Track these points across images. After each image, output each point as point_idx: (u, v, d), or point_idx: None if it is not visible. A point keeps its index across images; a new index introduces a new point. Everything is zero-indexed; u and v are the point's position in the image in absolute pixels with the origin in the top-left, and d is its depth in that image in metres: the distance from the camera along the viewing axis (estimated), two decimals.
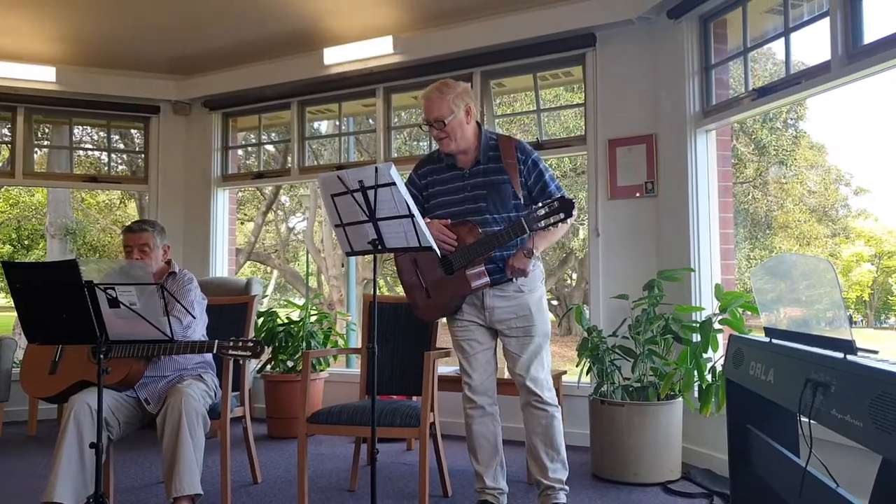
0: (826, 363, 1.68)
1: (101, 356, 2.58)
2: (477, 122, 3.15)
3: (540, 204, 2.83)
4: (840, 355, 1.65)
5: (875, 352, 1.63)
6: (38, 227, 17.90)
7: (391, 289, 20.88)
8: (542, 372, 3.08)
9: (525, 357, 3.07)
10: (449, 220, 3.06)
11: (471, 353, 3.16)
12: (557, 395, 3.27)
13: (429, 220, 3.01)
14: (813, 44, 3.82)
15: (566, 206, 2.69)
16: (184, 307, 3.24)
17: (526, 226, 2.77)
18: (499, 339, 3.18)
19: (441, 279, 3.10)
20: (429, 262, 3.13)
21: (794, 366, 1.86)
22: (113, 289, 2.50)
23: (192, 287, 3.43)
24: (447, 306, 3.14)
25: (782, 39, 3.81)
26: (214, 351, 3.04)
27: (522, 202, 3.05)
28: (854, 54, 3.26)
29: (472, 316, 3.14)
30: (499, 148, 3.10)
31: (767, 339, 2.19)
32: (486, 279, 3.01)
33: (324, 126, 13.73)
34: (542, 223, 2.73)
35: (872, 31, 3.22)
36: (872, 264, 24.40)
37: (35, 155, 6.62)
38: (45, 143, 10.96)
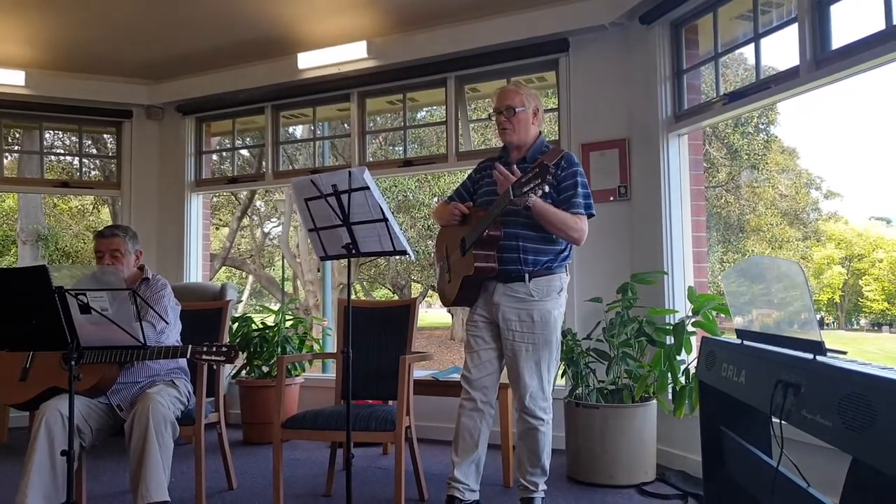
0: (796, 364, 1.69)
1: (73, 362, 2.55)
2: (540, 131, 3.28)
3: (527, 169, 2.87)
4: (810, 356, 1.67)
5: (844, 352, 1.65)
6: (10, 232, 17.61)
7: (367, 293, 20.83)
8: (535, 381, 3.09)
9: (517, 362, 3.10)
10: (471, 203, 3.20)
11: (475, 349, 3.20)
12: None
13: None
14: (783, 49, 3.88)
15: (542, 170, 2.74)
16: (157, 313, 3.20)
17: (511, 191, 2.83)
18: None
19: (458, 260, 3.17)
20: (453, 246, 3.24)
21: (765, 367, 1.88)
22: (84, 294, 2.47)
23: (166, 293, 3.39)
24: (459, 294, 3.18)
25: (752, 45, 3.86)
26: (188, 356, 3.01)
27: (551, 201, 3.09)
28: (822, 59, 3.32)
29: (483, 309, 3.19)
30: (547, 153, 3.18)
31: (739, 341, 2.21)
32: (493, 265, 3.04)
33: (299, 130, 13.68)
34: (525, 188, 2.77)
35: (839, 37, 3.28)
36: (843, 266, 24.79)
37: (5, 160, 6.51)
38: (16, 147, 10.80)
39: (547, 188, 2.78)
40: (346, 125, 5.99)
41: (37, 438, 2.85)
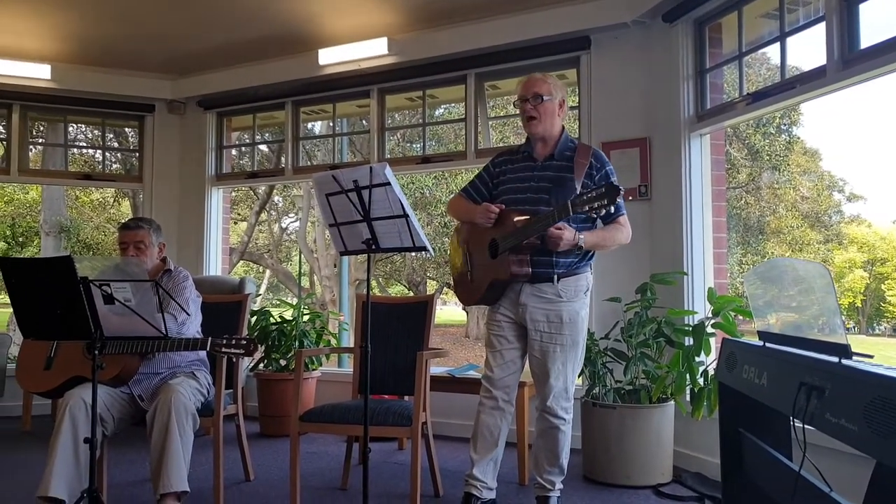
0: (821, 367, 1.68)
1: (96, 352, 2.57)
2: (563, 126, 3.22)
3: (588, 188, 2.83)
4: (835, 359, 1.65)
5: (870, 356, 1.63)
6: (33, 224, 17.85)
7: (383, 289, 20.86)
8: (560, 381, 3.08)
9: (545, 362, 3.09)
10: (503, 206, 3.11)
11: (498, 348, 3.19)
12: None
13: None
14: (808, 49, 3.83)
15: (611, 192, 2.68)
16: (179, 305, 3.23)
17: (570, 208, 2.77)
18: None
19: (485, 263, 3.14)
20: (478, 246, 3.19)
21: (788, 369, 1.86)
22: (108, 285, 2.49)
23: (188, 285, 3.42)
24: (485, 294, 3.17)
25: (777, 44, 3.82)
26: (208, 348, 3.03)
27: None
28: (849, 60, 3.27)
29: (507, 310, 3.17)
30: (575, 150, 3.14)
31: (761, 343, 2.20)
32: (528, 269, 3.01)
33: (317, 127, 13.72)
34: (587, 206, 2.72)
35: (868, 37, 3.24)
36: (865, 270, 24.49)
37: (30, 153, 6.59)
38: (40, 140, 10.92)
39: (612, 209, 2.76)
40: (364, 122, 6.00)
41: (61, 426, 2.88)
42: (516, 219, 2.98)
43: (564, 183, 3.06)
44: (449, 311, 27.61)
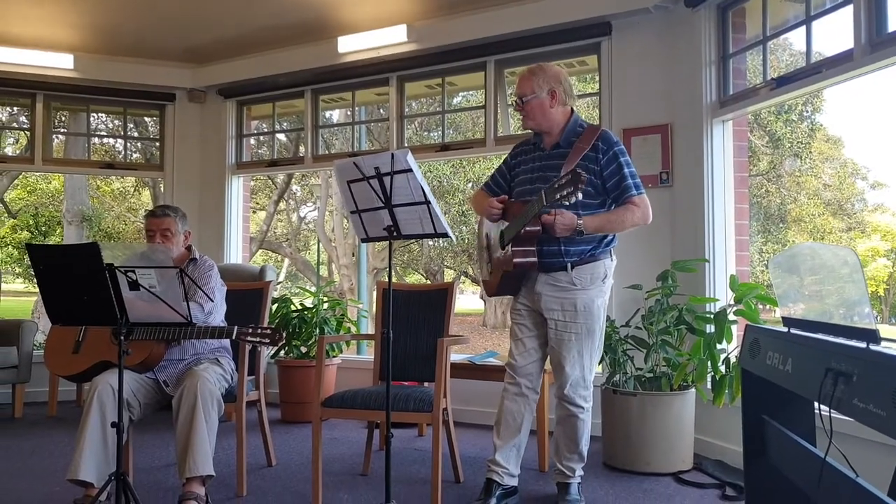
0: (848, 352, 1.66)
1: (122, 338, 2.60)
2: (572, 109, 3.16)
3: (560, 175, 2.81)
4: (863, 345, 1.64)
5: None
6: (55, 213, 18.08)
7: (400, 278, 20.90)
8: (577, 370, 3.07)
9: (560, 351, 3.09)
10: (506, 197, 3.14)
11: (519, 336, 3.21)
12: None
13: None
14: (832, 34, 3.78)
15: (575, 179, 2.65)
16: (205, 293, 3.26)
17: (544, 197, 2.76)
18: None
19: (499, 255, 3.17)
20: (494, 239, 3.22)
21: (814, 355, 1.85)
22: (133, 272, 2.52)
23: (213, 274, 3.46)
24: (501, 285, 3.18)
25: (803, 28, 3.77)
26: (234, 337, 3.06)
27: (593, 190, 3.00)
28: (877, 43, 3.22)
29: (525, 298, 3.19)
30: (581, 135, 3.09)
31: (786, 329, 2.18)
32: (532, 259, 2.99)
33: (335, 115, 13.75)
34: (557, 195, 2.69)
35: None
36: (888, 259, 24.19)
37: (53, 142, 6.66)
38: (62, 130, 11.03)
39: (580, 195, 2.67)
40: (381, 110, 6.00)
41: (90, 410, 2.94)
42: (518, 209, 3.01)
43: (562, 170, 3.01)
44: (465, 300, 27.62)
